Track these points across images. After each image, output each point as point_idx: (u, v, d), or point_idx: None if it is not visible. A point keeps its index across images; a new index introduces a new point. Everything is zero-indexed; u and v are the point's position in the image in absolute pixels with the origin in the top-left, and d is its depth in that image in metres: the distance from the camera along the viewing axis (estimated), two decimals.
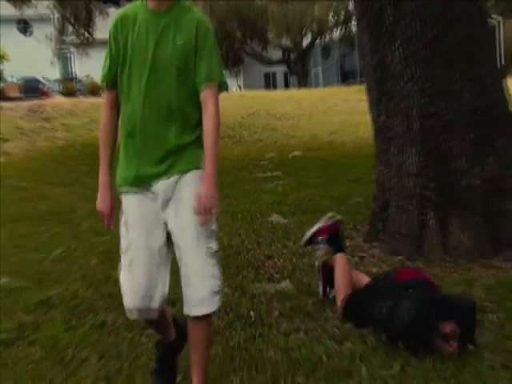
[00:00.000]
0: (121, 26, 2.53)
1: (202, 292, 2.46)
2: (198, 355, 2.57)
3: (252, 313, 3.47)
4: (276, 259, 4.55)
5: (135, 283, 2.47)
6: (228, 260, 4.55)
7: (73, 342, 3.17)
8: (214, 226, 2.52)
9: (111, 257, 4.84)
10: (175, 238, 2.50)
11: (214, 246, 2.51)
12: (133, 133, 2.51)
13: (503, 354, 2.78)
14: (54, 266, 4.67)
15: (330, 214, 3.82)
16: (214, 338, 3.12)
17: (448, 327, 2.82)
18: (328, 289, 3.68)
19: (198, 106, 2.53)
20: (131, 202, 2.55)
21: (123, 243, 2.52)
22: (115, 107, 2.61)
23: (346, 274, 3.57)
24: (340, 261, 3.61)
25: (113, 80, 2.56)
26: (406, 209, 4.46)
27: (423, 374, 2.64)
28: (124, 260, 2.51)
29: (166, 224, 2.52)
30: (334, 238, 3.70)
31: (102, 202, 2.57)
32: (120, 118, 2.59)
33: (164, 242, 2.53)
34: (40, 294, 3.98)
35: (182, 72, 2.48)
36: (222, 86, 2.56)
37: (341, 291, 3.48)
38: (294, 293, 3.77)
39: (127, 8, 2.59)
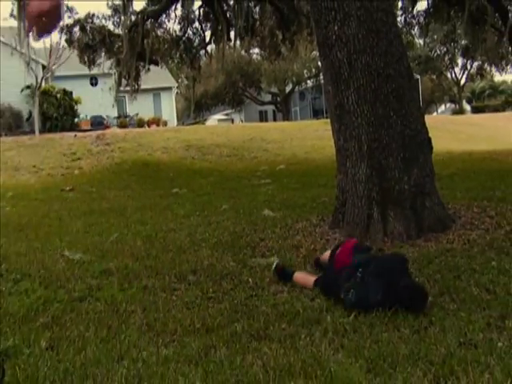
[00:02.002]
0: None
1: None
2: None
3: (250, 279, 3.45)
4: (267, 241, 4.51)
5: None
6: (233, 242, 4.52)
7: (124, 299, 3.16)
8: None
9: (151, 240, 4.82)
10: None
11: None
12: None
13: None
14: (112, 246, 4.64)
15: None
16: (223, 298, 3.09)
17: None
18: None
19: None
20: None
21: None
22: None
23: (304, 273, 3.41)
24: (297, 274, 3.38)
25: None
26: (358, 206, 4.43)
27: (370, 320, 2.63)
28: None
29: None
30: (281, 275, 3.41)
31: None
32: None
33: None
34: (102, 265, 3.96)
35: None
36: None
37: (308, 278, 3.29)
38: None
39: None
